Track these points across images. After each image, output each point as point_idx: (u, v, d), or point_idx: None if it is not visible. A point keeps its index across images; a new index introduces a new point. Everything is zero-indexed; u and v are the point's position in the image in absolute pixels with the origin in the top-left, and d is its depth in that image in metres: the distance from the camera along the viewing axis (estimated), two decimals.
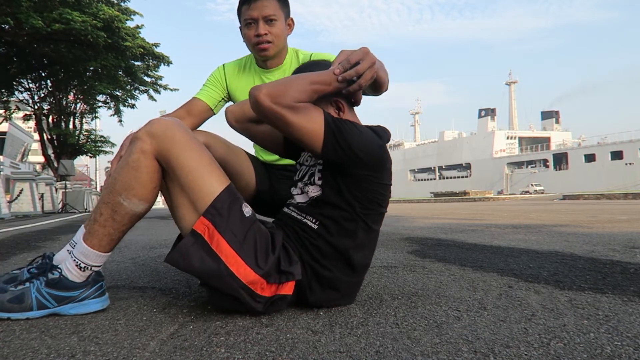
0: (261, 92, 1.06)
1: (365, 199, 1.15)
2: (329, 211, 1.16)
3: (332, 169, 1.16)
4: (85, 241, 1.15)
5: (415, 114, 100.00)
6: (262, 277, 1.09)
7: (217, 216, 1.09)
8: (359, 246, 1.18)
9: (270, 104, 1.05)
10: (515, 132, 67.21)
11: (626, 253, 2.23)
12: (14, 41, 13.24)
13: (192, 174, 1.11)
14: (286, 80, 1.12)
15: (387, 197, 1.22)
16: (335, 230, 1.16)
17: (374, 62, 1.13)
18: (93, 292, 1.18)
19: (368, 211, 1.17)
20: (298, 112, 1.07)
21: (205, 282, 1.13)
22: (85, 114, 20.91)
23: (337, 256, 1.17)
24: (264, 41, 1.53)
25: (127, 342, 0.96)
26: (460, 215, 6.97)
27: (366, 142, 1.11)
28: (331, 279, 1.17)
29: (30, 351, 0.91)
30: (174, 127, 1.14)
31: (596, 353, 0.85)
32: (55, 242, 3.47)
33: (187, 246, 1.08)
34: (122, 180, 1.12)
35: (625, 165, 45.71)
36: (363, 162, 1.11)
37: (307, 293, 1.17)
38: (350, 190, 1.14)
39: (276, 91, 1.06)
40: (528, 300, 1.28)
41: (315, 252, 1.16)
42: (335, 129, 1.09)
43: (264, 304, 1.11)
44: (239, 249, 1.08)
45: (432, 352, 0.87)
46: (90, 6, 12.96)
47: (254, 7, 1.51)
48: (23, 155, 20.92)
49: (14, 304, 1.14)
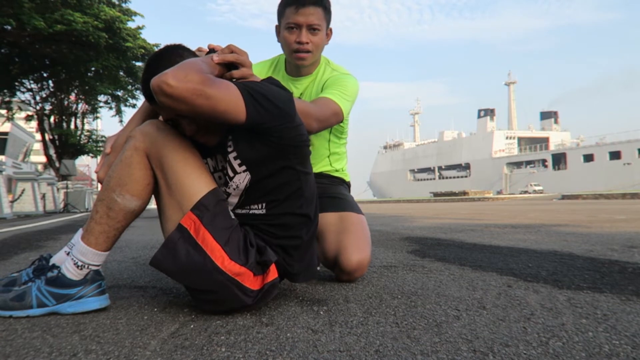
0: (167, 77, 0.98)
1: (291, 147, 1.16)
2: (268, 185, 1.18)
3: (247, 139, 1.13)
4: (83, 239, 1.17)
5: (415, 114, 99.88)
6: (249, 268, 1.11)
7: (204, 211, 1.11)
8: (308, 198, 1.23)
9: (184, 83, 0.98)
10: (514, 132, 67.13)
11: (624, 252, 2.24)
12: (16, 42, 13.25)
13: (181, 174, 1.13)
14: (182, 64, 1.04)
15: (305, 136, 1.22)
16: (283, 196, 1.19)
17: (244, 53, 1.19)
18: (91, 291, 1.18)
19: (299, 158, 1.19)
20: (212, 84, 1.02)
21: (192, 281, 1.12)
22: (87, 114, 20.93)
23: (296, 220, 1.21)
24: (303, 50, 1.51)
25: (128, 341, 0.96)
26: (459, 215, 6.97)
27: (275, 91, 1.14)
28: (300, 244, 1.22)
29: (32, 350, 0.92)
30: (167, 128, 1.16)
31: (594, 352, 0.86)
32: (57, 241, 3.47)
33: (174, 241, 1.09)
34: (116, 176, 1.15)
35: (623, 165, 45.67)
36: (281, 110, 1.12)
37: (287, 269, 1.21)
38: (275, 149, 1.14)
39: (180, 71, 1.00)
40: (527, 299, 1.29)
41: (275, 230, 1.20)
42: (249, 89, 1.08)
43: (254, 297, 1.13)
44: (224, 244, 1.10)
45: (432, 351, 0.87)
46: (92, 7, 12.97)
47: (301, 13, 1.46)
48: (25, 155, 20.97)
49: (16, 302, 1.16)
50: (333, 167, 1.78)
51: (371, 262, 2.05)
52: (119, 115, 19.85)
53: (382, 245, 2.80)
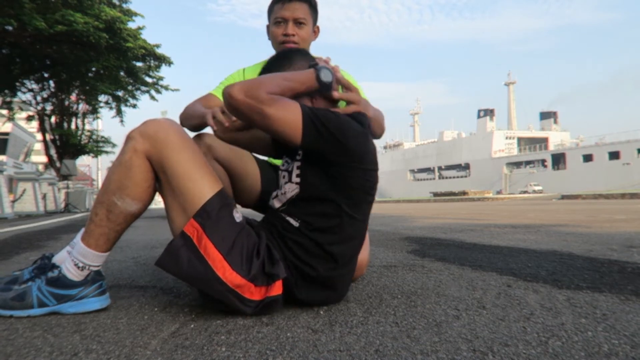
0: (234, 88, 1.07)
1: (348, 187, 1.14)
2: (309, 208, 1.16)
3: (311, 161, 1.14)
4: (83, 241, 1.16)
5: (414, 114, 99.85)
6: (249, 281, 1.09)
7: (207, 219, 1.10)
8: (344, 239, 1.17)
9: (245, 98, 1.06)
10: (514, 132, 67.08)
11: (624, 252, 2.24)
12: (17, 42, 13.25)
13: (183, 176, 1.11)
14: (259, 77, 1.13)
15: (372, 183, 1.18)
16: (318, 226, 1.15)
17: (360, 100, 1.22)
18: (92, 291, 1.19)
19: (352, 201, 1.15)
20: (273, 103, 1.07)
21: (194, 285, 1.14)
22: (87, 115, 20.92)
23: (320, 252, 1.15)
24: (290, 41, 1.56)
25: (128, 340, 0.97)
26: (459, 215, 6.97)
27: (344, 126, 1.11)
28: (316, 276, 1.16)
29: (33, 349, 0.92)
30: (168, 128, 1.14)
31: (594, 351, 0.86)
32: (58, 241, 3.48)
33: (177, 248, 1.09)
34: (116, 179, 1.13)
35: (622, 165, 45.64)
36: (344, 147, 1.10)
37: (294, 291, 1.16)
38: (332, 182, 1.13)
39: (249, 85, 1.08)
40: (526, 299, 1.29)
41: (297, 249, 1.15)
42: (312, 115, 1.09)
43: (253, 307, 1.11)
44: (226, 254, 1.08)
45: (432, 351, 0.87)
46: (92, 8, 12.98)
47: (286, 8, 1.54)
48: (26, 155, 20.98)
49: (16, 301, 1.16)
50: None
51: (371, 262, 2.06)
52: (119, 115, 19.85)
53: (382, 245, 2.80)
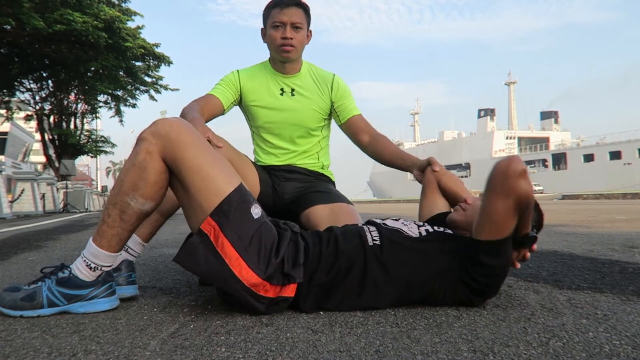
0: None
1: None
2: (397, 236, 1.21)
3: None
4: (95, 242, 1.16)
5: (415, 114, 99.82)
6: (265, 280, 1.09)
7: (224, 218, 1.09)
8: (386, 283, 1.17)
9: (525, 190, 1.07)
10: (514, 132, 67.08)
11: (625, 253, 2.24)
12: (16, 42, 13.25)
13: (199, 174, 1.11)
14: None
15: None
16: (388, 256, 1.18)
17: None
18: (102, 292, 1.19)
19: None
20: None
21: (210, 280, 1.16)
22: (86, 114, 20.92)
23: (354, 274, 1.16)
24: (288, 44, 1.62)
25: (127, 341, 0.96)
26: None
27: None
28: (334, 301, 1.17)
29: (31, 350, 0.92)
30: (179, 127, 1.13)
31: (595, 352, 0.86)
32: (57, 241, 3.47)
33: (194, 245, 1.09)
34: (129, 180, 1.13)
35: (623, 165, 45.66)
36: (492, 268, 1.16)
37: (300, 302, 1.15)
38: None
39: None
40: (527, 299, 1.29)
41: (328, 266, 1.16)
42: (506, 241, 1.13)
43: (267, 304, 1.12)
44: (243, 252, 1.08)
45: (432, 352, 0.87)
46: (91, 7, 12.98)
47: (284, 12, 1.60)
48: (24, 155, 20.98)
49: (26, 302, 1.15)
50: (320, 162, 1.80)
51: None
52: (118, 115, 19.85)
53: None
